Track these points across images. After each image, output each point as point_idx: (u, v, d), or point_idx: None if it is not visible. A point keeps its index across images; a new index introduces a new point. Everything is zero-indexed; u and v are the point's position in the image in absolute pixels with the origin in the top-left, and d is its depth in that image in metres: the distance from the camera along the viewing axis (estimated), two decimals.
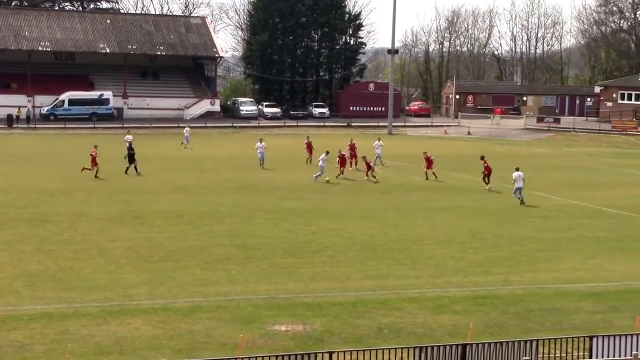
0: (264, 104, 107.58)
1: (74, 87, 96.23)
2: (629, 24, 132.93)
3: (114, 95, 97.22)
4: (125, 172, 53.55)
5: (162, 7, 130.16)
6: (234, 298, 26.68)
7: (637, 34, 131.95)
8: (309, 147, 62.64)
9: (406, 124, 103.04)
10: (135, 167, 54.02)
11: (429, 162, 54.42)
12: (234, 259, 31.88)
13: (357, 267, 31.18)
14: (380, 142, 63.08)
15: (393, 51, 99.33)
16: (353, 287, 28.40)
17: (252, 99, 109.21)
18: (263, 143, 59.50)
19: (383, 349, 20.01)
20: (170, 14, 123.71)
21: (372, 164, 54.18)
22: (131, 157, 54.29)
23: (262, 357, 19.35)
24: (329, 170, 52.78)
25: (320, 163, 52.86)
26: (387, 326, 24.24)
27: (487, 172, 50.28)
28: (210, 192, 47.57)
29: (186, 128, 76.75)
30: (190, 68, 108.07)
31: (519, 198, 45.30)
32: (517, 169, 45.98)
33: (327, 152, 54.11)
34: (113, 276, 29.02)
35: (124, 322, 23.97)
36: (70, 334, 22.80)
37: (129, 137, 61.77)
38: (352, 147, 59.71)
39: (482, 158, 51.21)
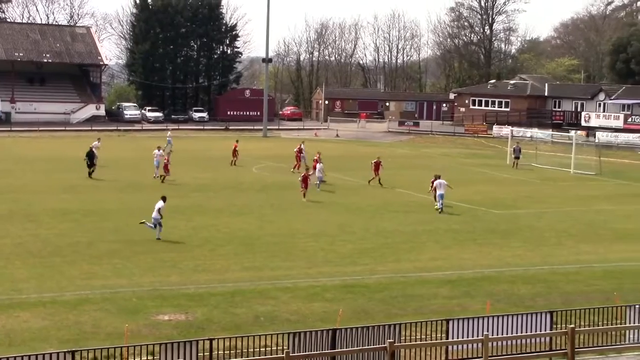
0: (147, 108, 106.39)
1: None
2: (479, 37, 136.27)
3: (2, 100, 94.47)
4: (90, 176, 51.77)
5: (47, 17, 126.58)
6: (120, 290, 26.23)
7: (486, 46, 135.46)
8: (235, 150, 61.18)
9: (280, 127, 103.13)
10: (91, 172, 51.99)
11: (376, 167, 50.94)
12: (120, 253, 31.35)
13: (236, 259, 31.07)
14: (303, 145, 62.79)
15: (267, 60, 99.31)
16: (232, 278, 28.30)
17: (135, 104, 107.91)
18: (161, 151, 54.39)
19: (260, 335, 19.97)
20: (56, 23, 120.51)
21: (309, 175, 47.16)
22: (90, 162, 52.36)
23: (147, 345, 19.09)
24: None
25: (317, 174, 49.34)
26: (264, 314, 24.22)
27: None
28: (98, 191, 46.64)
29: (169, 133, 74.94)
30: (76, 75, 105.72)
31: (441, 206, 42.52)
32: (439, 177, 43.53)
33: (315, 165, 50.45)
34: (2, 271, 28.16)
35: (13, 315, 23.28)
36: None
37: (96, 143, 57.84)
38: (299, 151, 58.96)
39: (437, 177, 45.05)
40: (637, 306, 22.30)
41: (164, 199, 34.77)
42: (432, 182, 43.92)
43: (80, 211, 40.02)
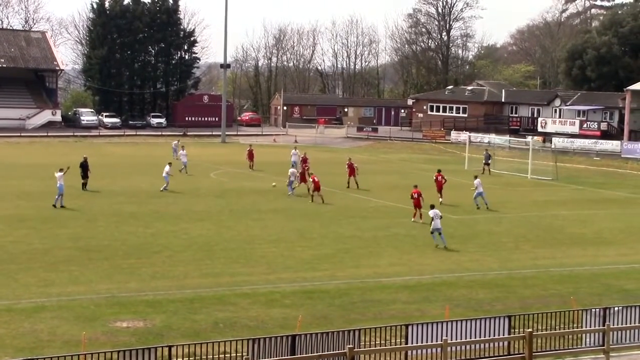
0: (104, 114, 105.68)
1: None
2: (436, 43, 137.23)
3: None
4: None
5: (2, 22, 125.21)
6: (77, 298, 25.98)
7: (443, 52, 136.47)
8: (250, 155, 63.13)
9: (238, 133, 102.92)
10: (85, 184, 50.12)
11: (351, 170, 52.33)
12: (77, 260, 31.04)
13: (194, 265, 30.92)
14: (297, 151, 62.74)
15: (225, 66, 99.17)
16: (191, 284, 28.16)
17: (92, 110, 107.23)
18: (171, 167, 51.63)
19: (219, 342, 19.90)
20: (11, 28, 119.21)
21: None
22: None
23: (104, 352, 18.91)
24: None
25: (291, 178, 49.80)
26: (223, 320, 24.13)
27: (439, 187, 47.86)
28: (53, 198, 46.06)
29: (175, 142, 71.80)
30: (32, 80, 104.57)
31: (477, 205, 46.24)
32: (476, 177, 47.33)
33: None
34: None
35: None
36: None
37: (176, 142, 56.08)
38: (304, 161, 58.83)
39: (439, 171, 49.08)
40: (594, 310, 22.57)
41: (434, 210, 36.19)
42: (436, 177, 47.90)
43: (36, 218, 39.59)
